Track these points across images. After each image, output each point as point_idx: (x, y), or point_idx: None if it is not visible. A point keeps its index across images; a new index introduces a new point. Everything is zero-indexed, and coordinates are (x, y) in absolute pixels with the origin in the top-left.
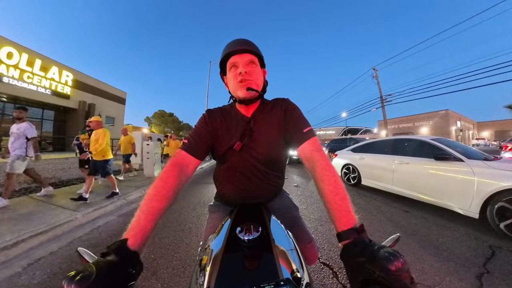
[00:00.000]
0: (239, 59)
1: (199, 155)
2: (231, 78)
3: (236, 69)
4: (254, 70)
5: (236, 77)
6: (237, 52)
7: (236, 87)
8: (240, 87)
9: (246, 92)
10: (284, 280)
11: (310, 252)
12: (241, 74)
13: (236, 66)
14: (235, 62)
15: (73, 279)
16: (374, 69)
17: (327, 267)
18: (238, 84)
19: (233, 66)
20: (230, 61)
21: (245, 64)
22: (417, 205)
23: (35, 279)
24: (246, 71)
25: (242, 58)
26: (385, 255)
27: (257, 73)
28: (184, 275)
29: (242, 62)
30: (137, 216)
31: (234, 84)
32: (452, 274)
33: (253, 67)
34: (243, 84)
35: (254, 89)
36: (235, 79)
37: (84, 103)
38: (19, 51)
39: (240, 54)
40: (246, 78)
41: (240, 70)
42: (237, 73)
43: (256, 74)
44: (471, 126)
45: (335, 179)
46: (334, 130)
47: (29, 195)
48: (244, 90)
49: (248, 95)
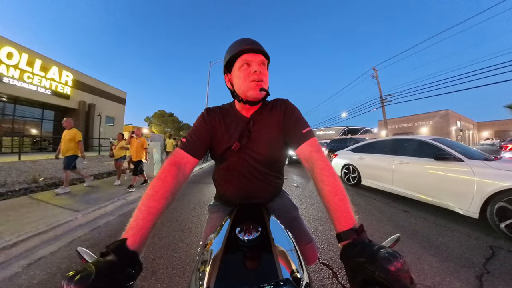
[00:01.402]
0: (252, 58)
1: (198, 154)
2: (241, 77)
3: (248, 67)
4: (265, 71)
5: (249, 76)
6: (251, 50)
7: (248, 86)
8: (254, 87)
9: (259, 93)
10: (284, 280)
11: (310, 252)
12: (255, 73)
13: (248, 64)
14: (249, 60)
15: (73, 279)
16: (374, 69)
17: (327, 267)
18: (251, 83)
19: (245, 63)
20: (243, 58)
21: (258, 64)
22: (417, 205)
23: (35, 279)
24: (260, 70)
25: (256, 58)
26: (385, 255)
27: (267, 75)
28: (183, 275)
29: (256, 62)
30: (136, 216)
31: (246, 83)
32: (452, 274)
33: (264, 68)
34: (257, 84)
35: (266, 89)
36: (247, 78)
37: (84, 103)
38: (19, 51)
39: (254, 53)
40: (260, 77)
41: (255, 69)
42: (250, 71)
43: (266, 76)
44: (471, 126)
45: (334, 180)
46: (334, 130)
47: (29, 195)
48: (257, 90)
49: (260, 96)
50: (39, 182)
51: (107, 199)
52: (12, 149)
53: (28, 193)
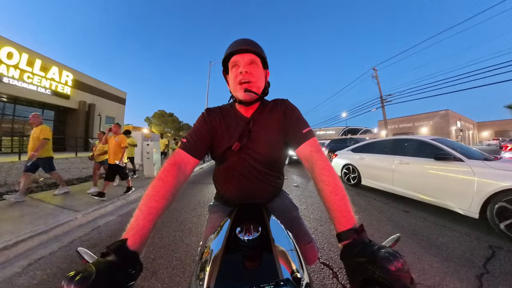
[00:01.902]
0: (240, 59)
1: (198, 155)
2: (231, 78)
3: (237, 69)
4: (255, 70)
5: (236, 77)
6: (238, 51)
7: (236, 87)
8: (239, 88)
9: (244, 94)
10: (284, 280)
11: (310, 252)
12: (241, 74)
13: (237, 65)
14: (237, 61)
15: (73, 279)
16: (374, 69)
17: (327, 267)
18: (238, 85)
19: (234, 65)
20: (232, 60)
21: (245, 64)
22: (417, 205)
23: (35, 279)
24: (247, 70)
25: (244, 58)
26: (385, 255)
27: (258, 74)
28: (184, 275)
29: (243, 62)
30: (136, 216)
31: (234, 84)
32: (452, 274)
33: (254, 67)
34: (242, 85)
35: (252, 91)
36: (235, 79)
37: (84, 103)
38: (19, 51)
39: (242, 53)
40: (245, 78)
41: (241, 69)
42: (238, 72)
43: (257, 75)
44: (471, 126)
45: (334, 180)
46: (334, 130)
47: (29, 195)
48: (242, 91)
49: (246, 97)
50: (39, 182)
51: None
52: (12, 149)
53: (28, 193)
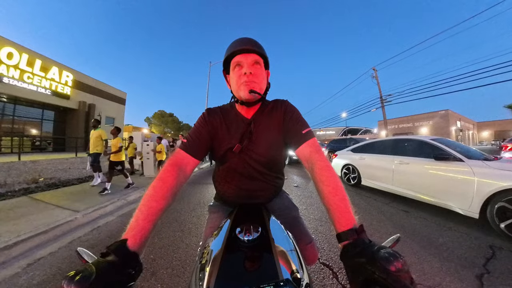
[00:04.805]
0: (243, 59)
1: (198, 155)
2: (234, 78)
3: (240, 69)
4: (259, 71)
5: (240, 78)
6: (242, 51)
7: (239, 87)
8: (244, 88)
9: (248, 94)
10: (284, 280)
11: (310, 252)
12: (245, 75)
13: (240, 65)
14: (240, 61)
15: (73, 279)
16: (374, 69)
17: (327, 268)
18: (242, 85)
19: (238, 65)
20: (235, 60)
21: (250, 65)
22: (417, 205)
23: (35, 279)
24: (251, 71)
25: (247, 58)
26: (385, 255)
27: (261, 75)
28: (183, 275)
29: (247, 62)
30: (136, 216)
31: (237, 85)
32: (452, 274)
33: (257, 68)
34: (247, 85)
35: (256, 91)
36: (239, 80)
37: (84, 104)
38: (19, 51)
39: (245, 53)
40: (250, 79)
41: (245, 70)
42: (241, 73)
43: (260, 75)
44: (471, 126)
45: (334, 180)
46: (334, 130)
47: (28, 195)
48: (247, 92)
49: (251, 98)
50: (39, 182)
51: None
52: (12, 149)
53: (28, 194)
